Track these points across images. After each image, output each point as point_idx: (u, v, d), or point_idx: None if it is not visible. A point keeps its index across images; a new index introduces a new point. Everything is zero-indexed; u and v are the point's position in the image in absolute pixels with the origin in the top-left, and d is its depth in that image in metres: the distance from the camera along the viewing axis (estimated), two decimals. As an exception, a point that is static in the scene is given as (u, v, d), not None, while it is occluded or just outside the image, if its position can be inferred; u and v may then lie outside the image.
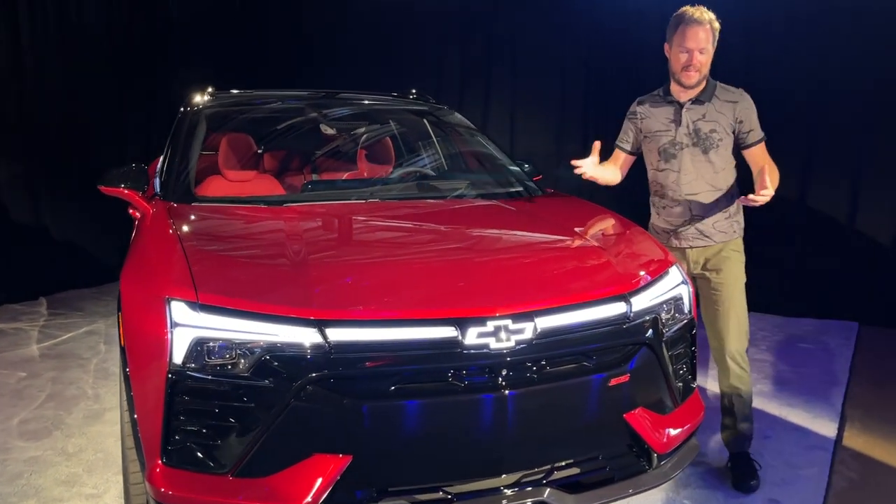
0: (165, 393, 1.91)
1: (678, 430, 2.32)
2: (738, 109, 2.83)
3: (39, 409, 3.49)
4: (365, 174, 3.80)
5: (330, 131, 3.85)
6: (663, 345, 2.26)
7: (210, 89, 3.59)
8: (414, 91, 4.09)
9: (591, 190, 4.08)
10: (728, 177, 2.90)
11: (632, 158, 3.12)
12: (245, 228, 2.68)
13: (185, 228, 2.47)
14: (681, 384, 2.38)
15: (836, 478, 2.83)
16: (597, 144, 2.93)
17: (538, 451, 2.08)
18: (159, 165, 3.31)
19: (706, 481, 2.80)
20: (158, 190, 2.99)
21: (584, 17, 5.86)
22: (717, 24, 2.80)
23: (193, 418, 1.92)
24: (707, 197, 2.88)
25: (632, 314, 2.20)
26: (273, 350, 1.90)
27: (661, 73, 2.98)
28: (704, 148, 2.85)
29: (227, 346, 1.91)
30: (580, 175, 2.97)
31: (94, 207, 5.29)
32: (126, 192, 2.94)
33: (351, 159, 3.96)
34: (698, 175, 2.88)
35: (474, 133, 3.82)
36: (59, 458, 3.00)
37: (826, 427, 3.29)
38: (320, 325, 1.91)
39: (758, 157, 2.84)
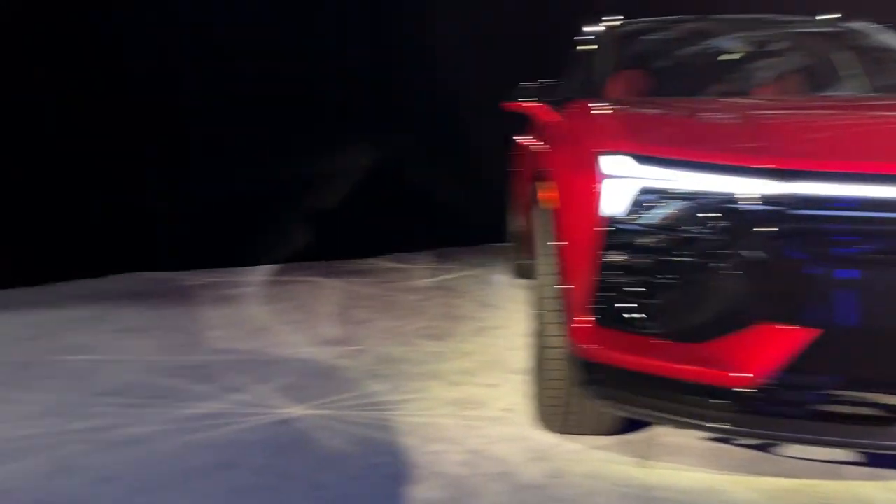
0: (600, 247, 1.84)
1: None
2: None
3: (434, 320, 3.80)
4: None
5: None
6: None
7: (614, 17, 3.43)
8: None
9: None
10: None
11: None
12: (684, 106, 2.44)
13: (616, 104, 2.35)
14: None
15: None
16: None
17: None
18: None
19: None
20: None
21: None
22: None
23: (626, 274, 1.82)
24: None
25: None
26: (722, 202, 1.70)
27: None
28: None
29: (668, 198, 1.77)
30: None
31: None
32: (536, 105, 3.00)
33: None
34: None
35: None
36: (454, 354, 3.20)
37: None
38: (780, 175, 1.66)
39: None
